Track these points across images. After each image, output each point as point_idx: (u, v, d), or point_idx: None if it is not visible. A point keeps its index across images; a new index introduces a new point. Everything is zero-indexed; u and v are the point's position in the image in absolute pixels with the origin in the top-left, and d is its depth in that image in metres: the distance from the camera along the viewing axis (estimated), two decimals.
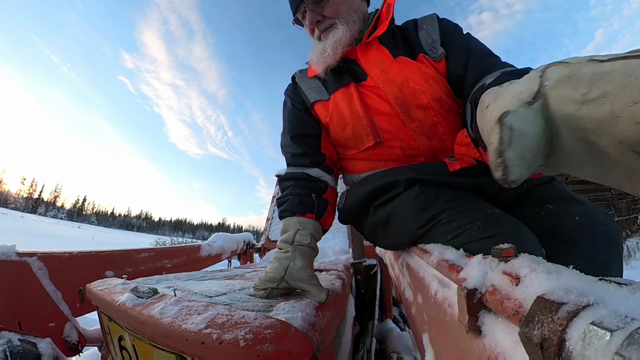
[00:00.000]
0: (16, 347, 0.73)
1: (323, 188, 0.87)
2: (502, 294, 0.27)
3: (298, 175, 0.88)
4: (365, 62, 0.81)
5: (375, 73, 0.79)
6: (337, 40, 0.80)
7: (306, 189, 0.85)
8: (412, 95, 0.75)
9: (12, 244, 0.87)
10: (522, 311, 0.24)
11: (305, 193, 0.83)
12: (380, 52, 0.80)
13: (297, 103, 0.93)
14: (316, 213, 0.80)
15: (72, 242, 18.40)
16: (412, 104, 0.76)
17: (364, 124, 0.79)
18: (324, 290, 0.64)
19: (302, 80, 0.94)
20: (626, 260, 6.12)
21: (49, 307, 0.89)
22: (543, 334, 0.19)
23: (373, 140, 0.79)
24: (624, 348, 0.14)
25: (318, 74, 0.88)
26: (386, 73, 0.78)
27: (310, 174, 0.88)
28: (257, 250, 2.40)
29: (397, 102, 0.76)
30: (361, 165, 0.88)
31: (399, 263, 0.88)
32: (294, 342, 0.38)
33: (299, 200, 0.80)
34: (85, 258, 1.05)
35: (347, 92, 0.82)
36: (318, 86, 0.89)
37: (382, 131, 0.79)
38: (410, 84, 0.75)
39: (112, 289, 0.62)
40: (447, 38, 0.79)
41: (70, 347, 0.89)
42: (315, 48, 0.85)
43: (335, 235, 2.03)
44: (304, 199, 0.81)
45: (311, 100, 0.89)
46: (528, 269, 0.28)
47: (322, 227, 0.84)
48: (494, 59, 0.72)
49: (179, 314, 0.43)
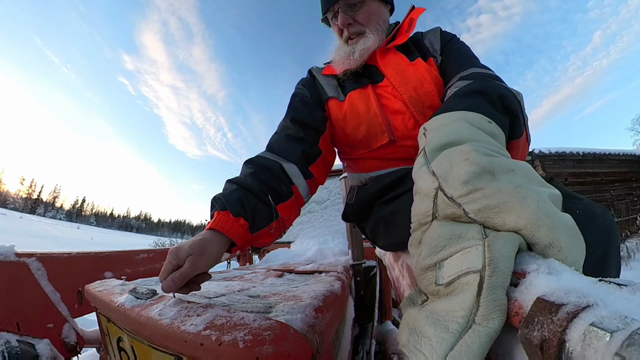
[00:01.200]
0: (14, 348, 0.73)
1: (285, 195, 0.73)
2: None
3: (269, 164, 0.74)
4: (383, 65, 0.84)
5: (391, 75, 0.82)
6: (367, 48, 0.84)
7: (265, 185, 0.69)
8: (426, 96, 0.78)
9: (11, 244, 0.87)
10: (522, 312, 0.24)
11: (259, 189, 0.67)
12: (398, 56, 0.85)
13: (311, 94, 0.92)
14: (252, 222, 0.63)
15: (71, 243, 18.36)
16: (426, 104, 0.78)
17: (379, 121, 0.80)
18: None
19: (320, 76, 0.95)
20: (626, 261, 6.11)
21: (48, 308, 0.89)
22: (543, 335, 0.19)
23: (388, 137, 0.80)
24: (624, 349, 0.14)
25: (336, 74, 0.90)
26: (402, 74, 0.81)
27: (285, 168, 0.75)
28: (256, 252, 2.40)
29: (411, 101, 0.79)
30: (370, 164, 0.88)
31: (399, 264, 0.88)
32: (294, 344, 0.38)
33: (243, 194, 0.63)
34: (84, 259, 1.05)
35: (365, 92, 0.84)
36: (335, 85, 0.91)
37: (396, 130, 0.80)
38: (425, 84, 0.79)
39: (111, 290, 0.62)
40: (445, 47, 0.87)
41: (69, 348, 0.89)
42: (341, 49, 0.88)
43: (335, 237, 2.03)
44: (249, 198, 0.64)
45: (328, 95, 0.90)
46: (528, 270, 0.28)
47: (252, 243, 0.67)
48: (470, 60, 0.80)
49: (178, 315, 0.43)
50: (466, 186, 0.35)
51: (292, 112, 0.89)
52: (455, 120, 0.51)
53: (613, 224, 0.54)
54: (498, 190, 0.33)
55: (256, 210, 0.64)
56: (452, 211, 0.36)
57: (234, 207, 0.61)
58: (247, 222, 0.62)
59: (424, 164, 0.45)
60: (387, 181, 0.78)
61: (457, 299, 0.29)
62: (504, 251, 0.29)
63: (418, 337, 0.31)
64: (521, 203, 0.31)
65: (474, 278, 0.28)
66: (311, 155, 0.82)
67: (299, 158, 0.78)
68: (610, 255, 0.52)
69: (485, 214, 0.33)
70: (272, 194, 0.69)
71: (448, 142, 0.46)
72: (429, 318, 0.31)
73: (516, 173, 0.36)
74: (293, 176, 0.76)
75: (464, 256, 0.31)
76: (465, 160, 0.38)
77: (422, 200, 0.41)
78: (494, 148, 0.42)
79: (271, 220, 0.68)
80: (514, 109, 0.58)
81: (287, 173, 0.75)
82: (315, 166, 0.84)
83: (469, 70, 0.74)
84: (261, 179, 0.69)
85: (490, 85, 0.61)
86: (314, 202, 2.48)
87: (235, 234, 0.61)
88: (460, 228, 0.34)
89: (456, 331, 0.27)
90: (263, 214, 0.65)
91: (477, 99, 0.57)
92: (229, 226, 0.60)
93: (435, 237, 0.36)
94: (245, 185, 0.66)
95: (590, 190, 8.24)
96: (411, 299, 0.38)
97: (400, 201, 0.72)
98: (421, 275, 0.36)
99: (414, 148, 0.78)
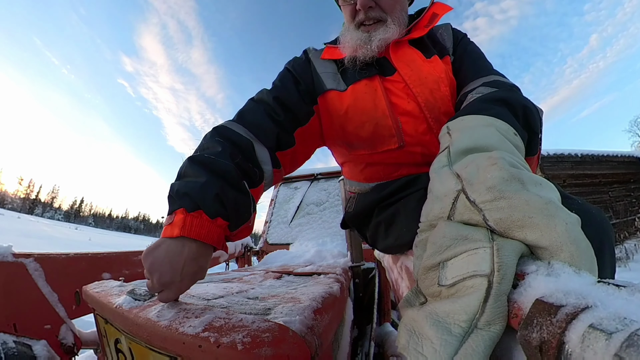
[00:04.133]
0: (11, 349, 0.72)
1: (257, 180, 0.62)
2: None
3: (241, 141, 0.61)
4: (396, 59, 0.76)
5: (405, 71, 0.74)
6: (386, 39, 0.75)
7: (240, 170, 0.56)
8: (442, 100, 0.73)
9: (9, 244, 0.87)
10: (521, 314, 0.24)
11: (236, 175, 0.54)
12: (413, 51, 0.76)
13: (304, 81, 0.79)
14: (233, 219, 0.52)
15: (69, 243, 18.28)
16: (442, 109, 0.73)
17: (388, 124, 0.73)
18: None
19: (318, 61, 0.83)
20: (624, 262, 6.12)
21: (45, 309, 0.88)
22: (542, 337, 0.19)
23: (397, 143, 0.73)
24: (623, 350, 0.14)
25: (340, 58, 0.79)
26: (418, 73, 0.73)
27: (257, 150, 0.63)
28: (255, 253, 2.39)
29: (427, 105, 0.72)
30: (371, 172, 0.82)
31: (398, 266, 0.88)
32: (292, 346, 0.38)
33: (219, 187, 0.50)
34: (82, 260, 1.05)
35: (371, 85, 0.74)
36: (334, 72, 0.79)
37: (405, 134, 0.73)
38: (442, 87, 0.73)
39: (109, 291, 0.62)
40: (457, 45, 0.81)
41: (66, 349, 0.88)
42: (353, 33, 0.77)
43: (334, 239, 2.02)
44: (226, 191, 0.51)
45: (326, 87, 0.78)
46: (527, 271, 0.28)
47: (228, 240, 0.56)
48: (487, 65, 0.76)
49: (176, 317, 0.43)
50: (491, 192, 0.33)
51: (279, 90, 0.76)
52: (484, 124, 0.49)
53: (608, 224, 0.54)
54: (526, 203, 0.31)
55: (237, 204, 0.53)
56: (470, 216, 0.34)
57: (211, 206, 0.49)
58: (227, 222, 0.51)
59: (446, 165, 0.44)
60: (389, 190, 0.75)
61: (460, 301, 0.28)
62: (511, 257, 0.28)
63: (418, 338, 0.30)
64: (548, 222, 0.29)
65: (481, 282, 0.28)
66: (283, 143, 0.72)
67: (273, 143, 0.68)
68: (605, 255, 0.52)
69: (507, 225, 0.31)
70: (248, 180, 0.58)
71: (475, 146, 0.44)
72: (429, 319, 0.30)
73: (543, 187, 0.34)
74: (262, 162, 0.65)
75: (470, 258, 0.30)
76: (493, 165, 0.36)
77: (438, 200, 0.39)
78: (519, 161, 0.40)
79: (252, 211, 0.58)
80: (534, 126, 0.57)
81: (257, 156, 0.64)
82: (284, 155, 0.73)
83: (491, 77, 0.70)
84: (237, 162, 0.57)
85: (516, 97, 0.58)
86: (312, 203, 2.48)
87: (214, 238, 0.50)
88: (467, 229, 0.33)
89: (459, 335, 0.27)
90: (244, 207, 0.55)
91: (503, 109, 0.54)
92: (205, 232, 0.48)
93: (440, 236, 0.35)
94: (220, 171, 0.52)
95: (588, 191, 8.27)
96: (408, 300, 0.37)
97: (401, 203, 0.71)
98: (424, 275, 0.35)
99: (422, 155, 0.75)
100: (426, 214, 0.41)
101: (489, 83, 0.67)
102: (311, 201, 2.49)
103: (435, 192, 0.41)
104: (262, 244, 2.43)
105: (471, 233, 0.33)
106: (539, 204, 0.30)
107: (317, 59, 0.84)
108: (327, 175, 2.65)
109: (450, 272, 0.31)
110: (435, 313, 0.30)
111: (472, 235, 0.32)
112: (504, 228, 0.31)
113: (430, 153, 0.74)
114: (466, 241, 0.32)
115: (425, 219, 0.41)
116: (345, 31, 0.79)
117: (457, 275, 0.30)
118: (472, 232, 0.33)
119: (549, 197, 0.31)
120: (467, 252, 0.31)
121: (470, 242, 0.32)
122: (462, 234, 0.33)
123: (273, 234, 2.45)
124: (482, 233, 0.32)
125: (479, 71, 0.73)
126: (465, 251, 0.31)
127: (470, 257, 0.31)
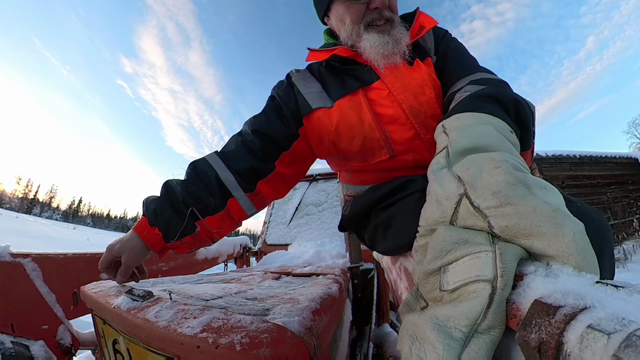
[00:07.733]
0: (8, 349, 0.72)
1: (213, 209, 0.71)
2: None
3: (206, 172, 0.72)
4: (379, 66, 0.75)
5: (389, 79, 0.73)
6: (400, 40, 0.73)
7: (191, 197, 0.69)
8: (428, 104, 0.72)
9: (6, 244, 0.86)
10: (519, 315, 0.24)
11: (181, 202, 0.69)
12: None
13: (285, 104, 0.81)
14: (165, 233, 0.68)
15: (67, 243, 18.21)
16: (428, 113, 0.72)
17: (376, 136, 0.72)
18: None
19: (301, 83, 0.82)
20: (623, 263, 6.15)
21: (43, 309, 0.88)
22: (541, 338, 0.19)
23: (388, 154, 0.73)
24: (621, 350, 0.14)
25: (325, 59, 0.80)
26: (401, 79, 0.73)
27: (222, 177, 0.72)
28: (253, 254, 2.39)
29: (412, 111, 0.71)
30: (366, 177, 0.83)
31: (397, 267, 0.88)
32: (291, 347, 0.37)
33: (160, 205, 0.68)
34: (80, 260, 1.04)
35: (355, 100, 0.74)
36: (319, 91, 0.80)
37: (395, 143, 0.73)
38: (426, 90, 0.72)
39: (107, 291, 0.62)
40: (439, 44, 0.81)
41: (64, 350, 0.88)
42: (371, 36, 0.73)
43: (333, 239, 2.02)
44: (164, 210, 0.68)
45: (312, 107, 0.77)
46: (525, 272, 0.28)
47: (172, 249, 0.72)
48: (473, 62, 0.76)
49: (175, 317, 0.43)
50: (497, 197, 0.32)
51: (258, 119, 0.81)
52: (481, 122, 0.48)
53: (607, 226, 0.54)
54: (533, 210, 0.30)
55: (170, 223, 0.67)
56: (474, 222, 0.33)
57: (150, 216, 0.68)
58: (161, 232, 0.67)
59: (445, 166, 0.42)
60: (384, 190, 0.74)
61: (462, 306, 0.28)
62: (513, 262, 0.28)
63: (420, 344, 0.29)
64: (556, 231, 0.28)
65: (483, 287, 0.27)
66: (261, 171, 0.77)
67: (243, 170, 0.74)
68: (604, 256, 0.52)
69: (513, 233, 0.30)
70: (198, 207, 0.70)
71: (474, 146, 0.43)
72: (429, 323, 0.29)
73: (549, 192, 0.33)
74: (231, 188, 0.73)
75: (472, 262, 0.30)
76: (497, 169, 0.35)
77: (438, 204, 0.38)
78: (521, 162, 0.39)
79: (185, 234, 0.69)
80: (526, 121, 0.56)
81: (223, 183, 0.72)
82: (266, 182, 0.78)
83: (478, 74, 0.69)
84: (191, 190, 0.70)
85: (506, 93, 0.58)
86: (311, 204, 2.48)
87: (150, 240, 0.68)
88: (467, 233, 0.33)
89: (460, 339, 0.26)
90: (176, 227, 0.68)
91: (494, 106, 0.54)
92: (146, 233, 0.67)
93: (441, 240, 0.34)
94: (171, 194, 0.70)
95: (586, 192, 8.29)
96: (409, 304, 0.36)
97: (398, 206, 0.70)
98: (424, 280, 0.34)
99: (415, 160, 0.74)
100: (426, 218, 0.40)
101: (477, 81, 0.67)
102: (310, 202, 2.49)
103: (435, 195, 0.40)
104: (261, 245, 2.43)
105: (472, 236, 0.32)
106: (547, 211, 0.29)
107: (302, 80, 0.83)
108: (326, 176, 2.65)
109: (452, 276, 0.31)
110: (436, 317, 0.30)
111: (472, 238, 0.32)
112: (510, 236, 0.30)
113: (422, 158, 0.74)
114: (467, 244, 0.32)
115: (425, 224, 0.39)
116: (356, 35, 0.75)
117: (459, 280, 0.30)
118: (472, 236, 0.32)
119: (556, 204, 0.31)
120: (469, 255, 0.31)
121: (471, 246, 0.31)
122: (462, 237, 0.32)
123: (272, 234, 2.45)
124: (483, 236, 0.32)
125: (465, 70, 0.72)
126: (466, 255, 0.31)
127: (472, 261, 0.30)
